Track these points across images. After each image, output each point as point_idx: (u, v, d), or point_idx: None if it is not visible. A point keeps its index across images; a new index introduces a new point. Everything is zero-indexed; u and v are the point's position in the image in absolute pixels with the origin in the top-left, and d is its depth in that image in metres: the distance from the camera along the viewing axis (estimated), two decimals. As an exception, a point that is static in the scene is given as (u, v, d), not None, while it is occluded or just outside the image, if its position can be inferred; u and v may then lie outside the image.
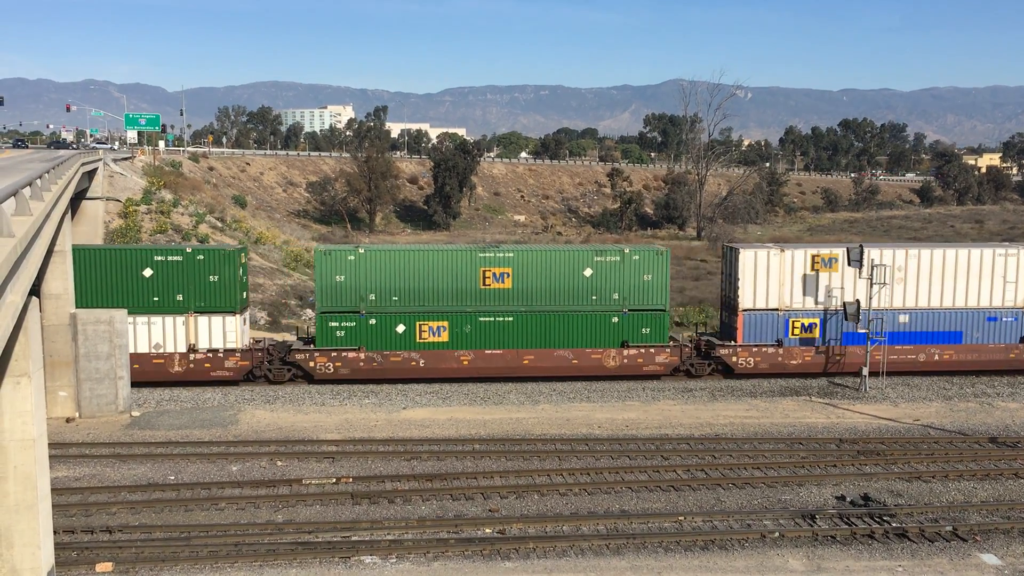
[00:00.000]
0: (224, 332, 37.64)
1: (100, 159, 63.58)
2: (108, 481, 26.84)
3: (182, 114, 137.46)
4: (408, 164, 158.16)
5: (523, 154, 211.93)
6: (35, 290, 31.44)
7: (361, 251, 38.26)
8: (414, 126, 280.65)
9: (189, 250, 37.57)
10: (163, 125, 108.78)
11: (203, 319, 37.43)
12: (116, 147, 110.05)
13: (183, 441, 30.87)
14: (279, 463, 28.70)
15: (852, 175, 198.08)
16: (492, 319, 38.54)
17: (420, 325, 38.33)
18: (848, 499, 26.02)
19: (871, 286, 38.86)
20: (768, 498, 26.13)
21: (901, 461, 29.26)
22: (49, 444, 20.69)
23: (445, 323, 38.40)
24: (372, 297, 37.86)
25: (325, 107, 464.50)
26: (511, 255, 38.86)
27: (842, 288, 39.87)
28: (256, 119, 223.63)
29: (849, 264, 38.96)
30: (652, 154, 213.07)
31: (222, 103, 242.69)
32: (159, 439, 31.16)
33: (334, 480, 26.90)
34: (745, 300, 39.65)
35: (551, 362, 38.93)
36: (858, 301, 38.59)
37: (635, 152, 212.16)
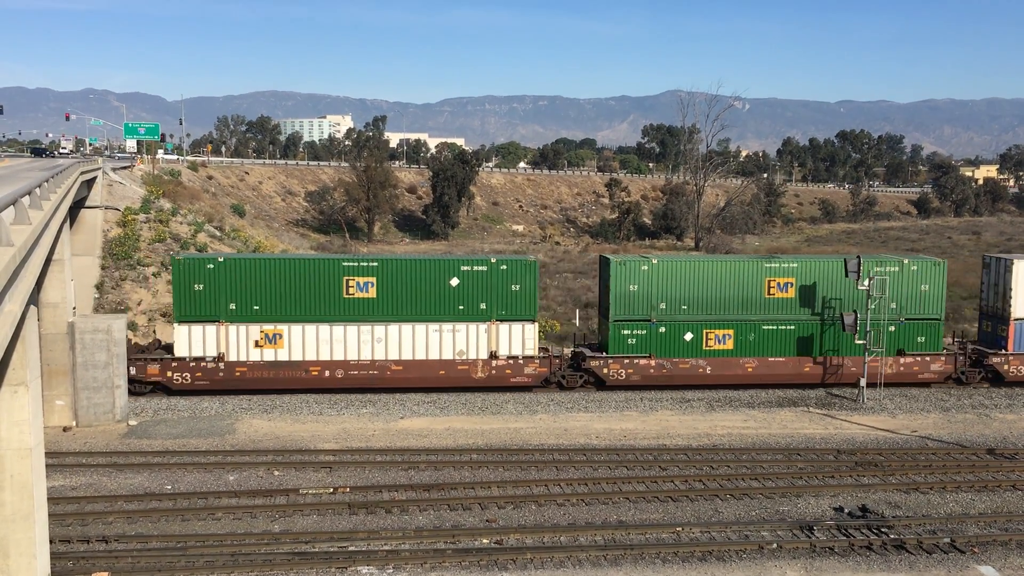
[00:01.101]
0: (523, 339, 38.92)
1: (99, 168, 63.65)
2: (105, 490, 26.78)
3: (181, 123, 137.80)
4: (407, 174, 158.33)
5: (521, 164, 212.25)
6: (33, 299, 31.39)
7: (654, 262, 39.45)
8: (413, 136, 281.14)
9: (493, 260, 38.98)
10: (162, 134, 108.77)
11: (504, 327, 38.68)
12: (116, 155, 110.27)
13: (180, 450, 30.81)
14: (276, 473, 28.64)
15: (849, 186, 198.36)
16: (775, 327, 39.69)
17: (707, 333, 39.56)
18: (846, 510, 26.00)
19: None
20: (766, 509, 26.11)
21: (899, 472, 29.25)
22: (46, 453, 20.68)
23: (730, 331, 39.67)
24: (663, 306, 38.94)
25: (324, 116, 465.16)
26: (795, 265, 40.11)
27: None
28: (255, 128, 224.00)
29: None
30: (650, 164, 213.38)
31: (221, 112, 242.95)
32: (156, 448, 31.10)
33: (331, 490, 26.85)
34: (1018, 310, 40.45)
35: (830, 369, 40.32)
36: None
37: (633, 162, 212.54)
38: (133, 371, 37.16)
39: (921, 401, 38.80)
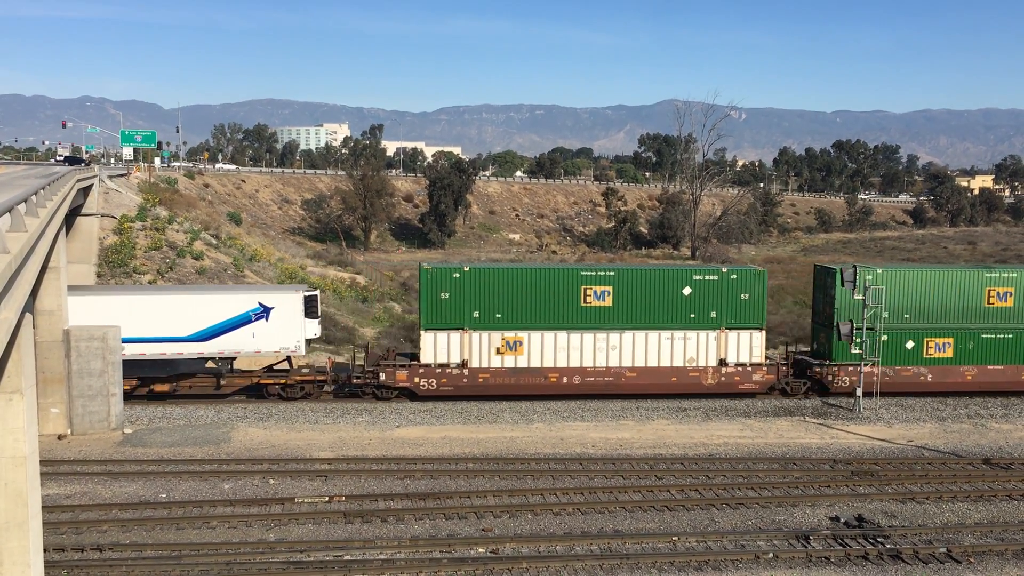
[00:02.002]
0: (751, 347, 39.64)
1: (95, 175, 63.62)
2: (99, 499, 26.69)
3: (178, 131, 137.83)
4: (403, 182, 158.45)
5: (518, 173, 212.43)
6: (28, 306, 31.33)
7: (879, 271, 40.10)
8: (410, 144, 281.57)
9: (724, 270, 40.00)
10: (159, 142, 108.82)
11: (732, 334, 39.45)
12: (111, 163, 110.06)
13: (175, 459, 30.73)
14: (272, 481, 28.57)
15: (845, 195, 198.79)
16: (994, 336, 40.34)
17: (927, 341, 40.26)
18: (842, 520, 25.99)
19: None
20: (762, 518, 26.09)
21: (895, 482, 29.25)
22: (41, 461, 20.61)
23: (950, 340, 40.31)
24: (886, 315, 39.19)
25: (321, 125, 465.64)
26: (1014, 275, 40.66)
27: None
28: (252, 136, 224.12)
29: None
30: (647, 174, 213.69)
31: (218, 120, 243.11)
32: (151, 456, 31.01)
33: (327, 498, 26.79)
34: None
35: None
36: None
37: (630, 172, 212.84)
38: (383, 377, 38.63)
39: (917, 411, 38.83)
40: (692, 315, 38.86)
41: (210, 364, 38.59)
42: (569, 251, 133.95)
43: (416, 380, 38.51)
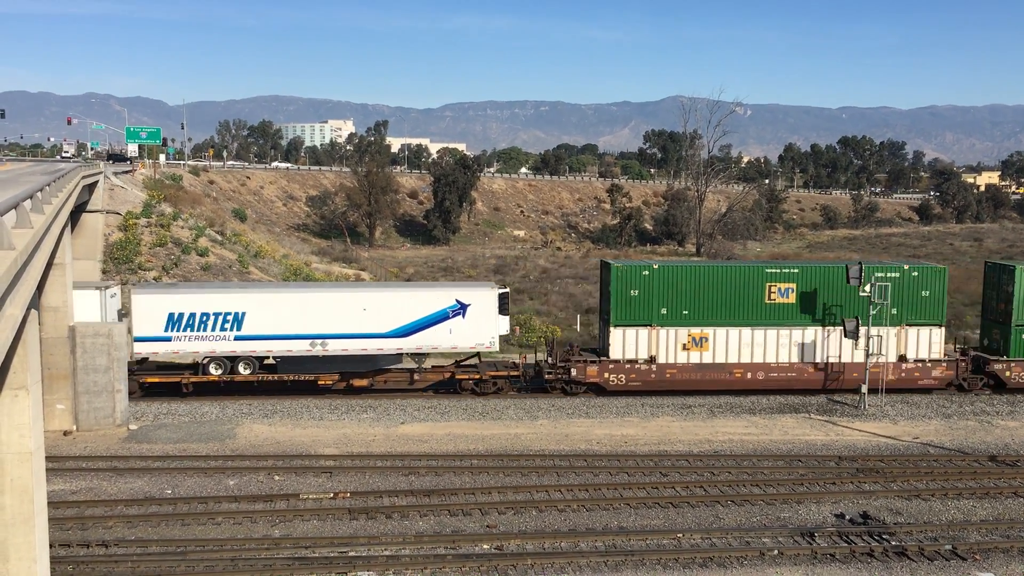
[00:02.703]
0: (930, 343, 40.32)
1: (101, 172, 63.72)
2: (105, 495, 26.75)
3: (183, 128, 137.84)
4: (408, 179, 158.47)
5: (523, 169, 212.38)
6: (34, 303, 31.42)
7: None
8: (414, 141, 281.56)
9: (906, 267, 40.41)
10: (164, 139, 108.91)
11: (912, 331, 40.09)
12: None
13: (180, 455, 30.79)
14: (276, 478, 28.61)
15: (850, 192, 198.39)
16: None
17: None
18: (847, 517, 25.94)
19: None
20: (767, 515, 26.06)
21: (900, 479, 29.19)
22: (46, 457, 20.64)
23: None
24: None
25: (326, 121, 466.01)
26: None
27: None
28: (257, 133, 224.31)
29: None
30: (652, 170, 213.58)
31: (223, 117, 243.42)
32: (156, 453, 31.08)
33: (331, 495, 26.82)
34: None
35: None
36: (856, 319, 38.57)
37: (635, 168, 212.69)
38: (573, 372, 39.47)
39: (923, 408, 38.73)
40: (873, 311, 39.02)
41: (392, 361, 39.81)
42: (574, 248, 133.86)
43: (605, 376, 39.40)
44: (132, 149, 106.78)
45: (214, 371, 38.15)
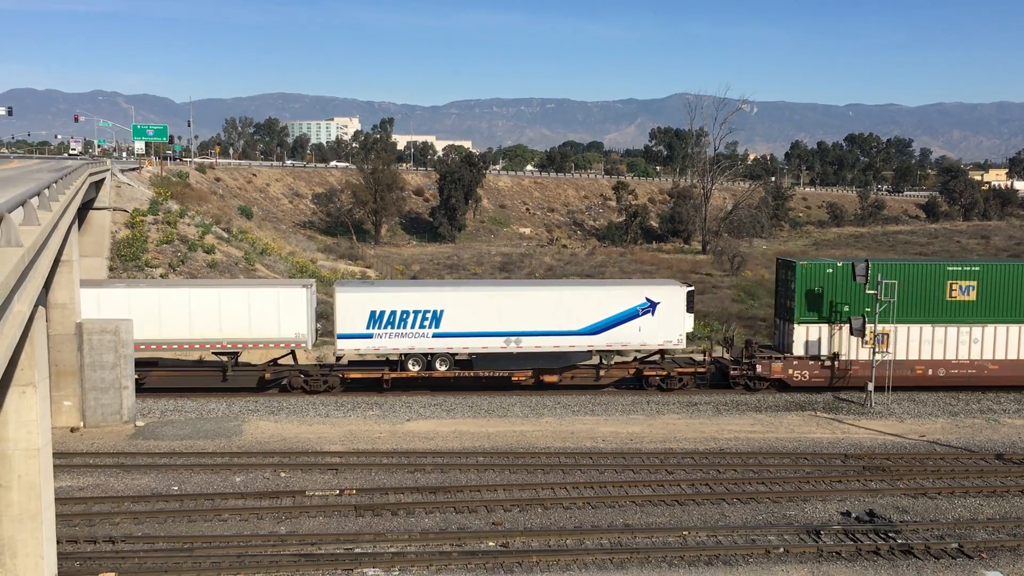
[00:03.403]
0: None
1: (108, 169, 63.85)
2: (112, 491, 26.84)
3: (189, 125, 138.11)
4: (414, 176, 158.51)
5: (529, 167, 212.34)
6: (41, 299, 31.53)
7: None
8: (420, 138, 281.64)
9: None
10: (171, 136, 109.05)
11: None
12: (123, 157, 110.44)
13: (187, 451, 30.87)
14: (283, 474, 28.68)
15: (857, 189, 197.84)
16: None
17: None
18: (853, 515, 25.91)
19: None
20: (773, 513, 26.04)
21: (907, 477, 29.13)
22: (53, 453, 20.73)
23: None
24: None
25: (332, 119, 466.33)
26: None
27: None
28: (263, 130, 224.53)
29: None
30: (657, 167, 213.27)
31: (229, 114, 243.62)
32: (163, 449, 31.17)
33: (337, 492, 26.87)
34: None
35: None
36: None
37: (640, 165, 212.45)
38: (759, 368, 39.95)
39: (929, 406, 38.65)
40: None
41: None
42: (580, 245, 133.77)
43: (789, 372, 40.00)
44: (139, 147, 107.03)
45: (412, 367, 38.96)
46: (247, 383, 39.47)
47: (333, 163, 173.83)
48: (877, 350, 38.52)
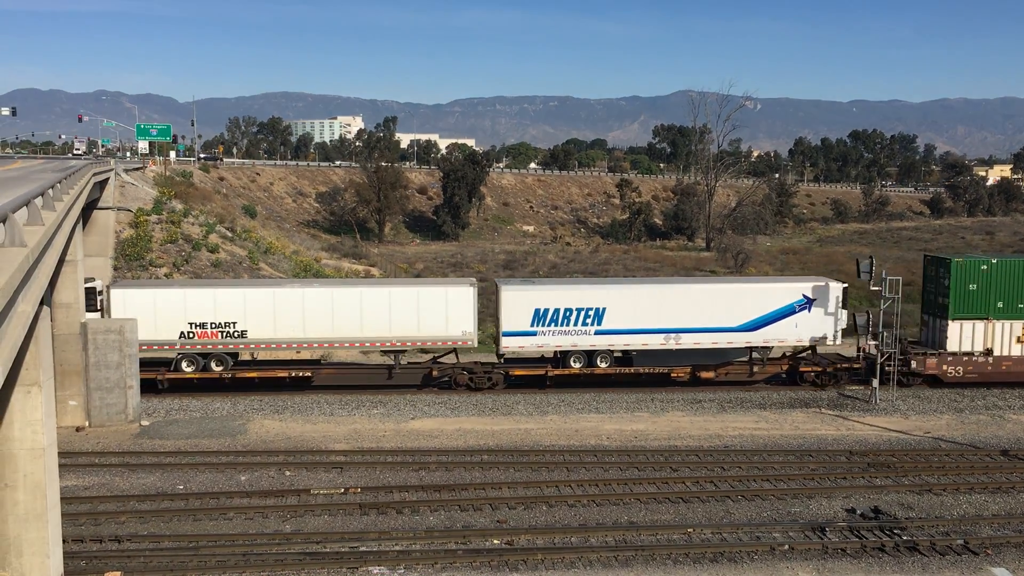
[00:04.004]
0: None
1: (112, 169, 63.95)
2: (117, 490, 26.90)
3: (193, 124, 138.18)
4: (417, 174, 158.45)
5: (532, 165, 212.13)
6: (46, 299, 31.60)
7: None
8: (423, 137, 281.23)
9: None
10: (174, 135, 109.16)
11: None
12: (127, 157, 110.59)
13: (192, 451, 30.93)
14: (287, 473, 28.71)
15: (861, 186, 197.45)
16: None
17: None
18: (858, 512, 25.88)
19: None
20: (778, 510, 26.02)
21: (912, 474, 29.10)
22: (59, 453, 20.76)
23: None
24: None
25: (335, 118, 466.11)
26: None
27: None
28: (266, 130, 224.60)
29: None
30: (661, 165, 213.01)
31: (232, 114, 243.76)
32: (168, 448, 31.22)
33: (342, 490, 26.90)
34: None
35: None
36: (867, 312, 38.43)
37: (644, 163, 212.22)
38: (913, 364, 40.22)
39: (934, 402, 38.58)
40: None
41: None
42: (583, 243, 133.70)
43: (944, 368, 40.36)
44: (143, 147, 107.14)
45: (574, 364, 39.37)
46: (412, 380, 40.11)
47: (337, 162, 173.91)
48: None
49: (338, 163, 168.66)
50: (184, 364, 38.52)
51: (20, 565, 17.43)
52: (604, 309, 38.84)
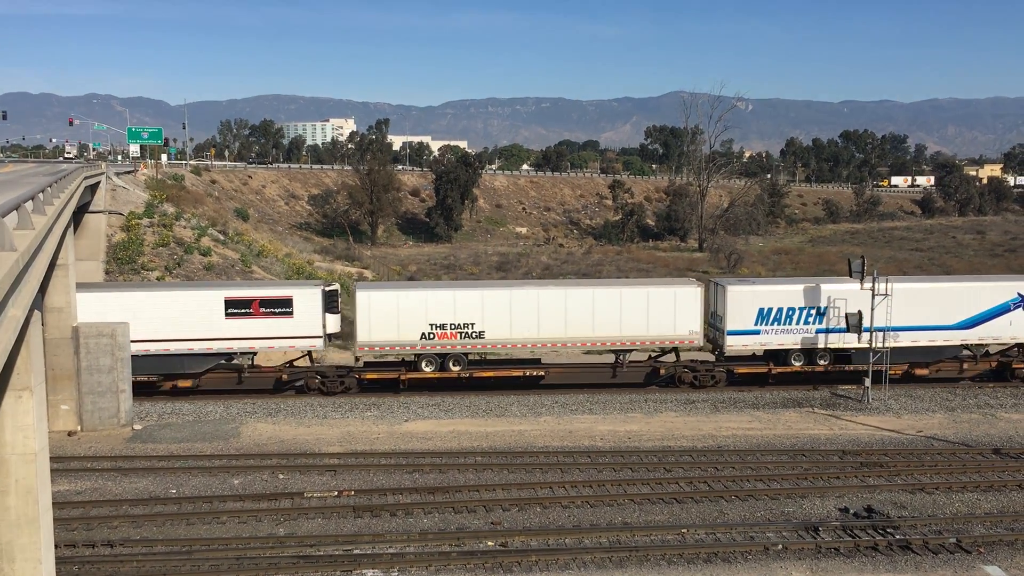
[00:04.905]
0: None
1: (103, 172, 63.75)
2: (110, 495, 26.81)
3: (184, 128, 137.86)
4: (410, 176, 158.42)
5: (525, 166, 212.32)
6: (37, 303, 31.48)
7: None
8: (416, 139, 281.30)
9: None
10: (166, 139, 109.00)
11: None
12: (118, 160, 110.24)
13: (185, 454, 30.84)
14: (281, 476, 28.66)
15: (853, 186, 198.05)
16: None
17: None
18: (851, 511, 25.94)
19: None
20: (771, 510, 26.06)
21: (904, 473, 29.18)
22: (51, 458, 20.68)
23: None
24: None
25: (327, 120, 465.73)
26: None
27: None
28: (258, 132, 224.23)
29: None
30: (653, 166, 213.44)
31: (224, 116, 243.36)
32: (161, 452, 31.13)
33: (336, 493, 26.86)
34: None
35: None
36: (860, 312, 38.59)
37: (636, 164, 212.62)
38: None
39: (926, 401, 38.69)
40: None
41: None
42: (576, 244, 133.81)
43: None
44: (134, 150, 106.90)
45: (795, 362, 40.49)
46: (634, 379, 40.70)
47: (329, 165, 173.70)
48: None
49: (330, 166, 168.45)
50: (424, 364, 39.10)
51: (12, 571, 17.34)
52: (826, 308, 39.73)
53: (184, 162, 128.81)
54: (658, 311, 39.27)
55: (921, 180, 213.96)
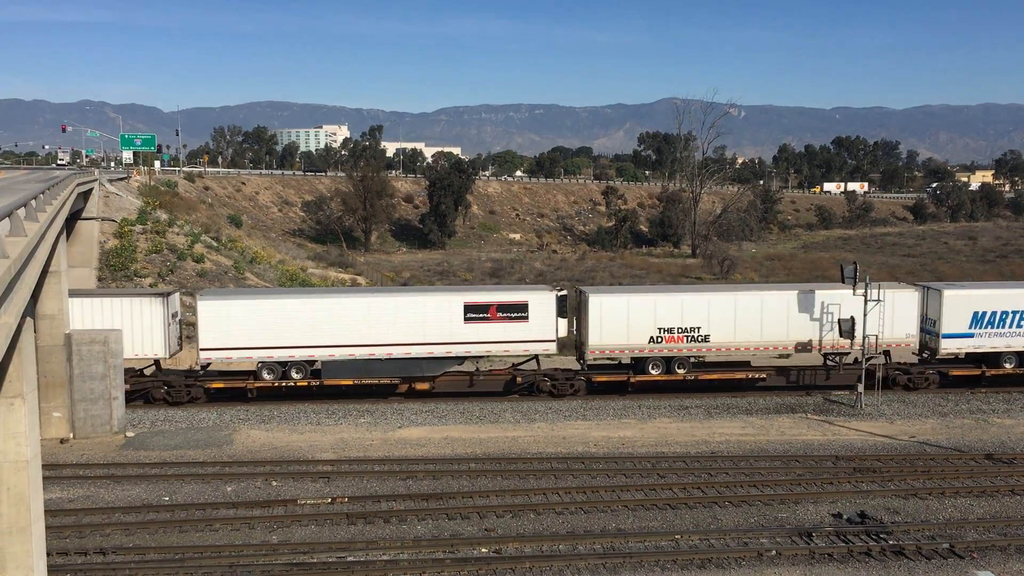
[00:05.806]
0: None
1: (96, 179, 63.66)
2: (102, 502, 26.71)
3: (178, 134, 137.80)
4: (403, 183, 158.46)
5: (518, 172, 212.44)
6: (29, 311, 31.37)
7: None
8: (409, 145, 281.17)
9: None
10: (159, 145, 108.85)
11: None
12: (110, 167, 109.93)
13: (178, 462, 30.75)
14: (274, 483, 28.59)
15: (841, 192, 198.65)
16: None
17: None
18: (845, 517, 25.98)
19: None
20: (764, 516, 26.09)
21: (897, 478, 29.23)
22: (43, 465, 20.62)
23: None
24: None
25: (320, 127, 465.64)
26: None
27: None
28: (252, 139, 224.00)
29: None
30: (646, 172, 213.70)
31: (218, 123, 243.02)
32: (153, 460, 31.03)
33: (329, 500, 26.81)
34: None
35: None
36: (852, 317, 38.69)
37: (629, 170, 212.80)
38: None
39: (919, 407, 38.78)
40: None
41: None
42: (570, 250, 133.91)
43: None
44: (127, 157, 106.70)
45: (1006, 365, 41.57)
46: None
47: (324, 172, 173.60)
48: None
49: (323, 172, 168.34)
50: (650, 367, 39.97)
51: (4, 579, 17.28)
52: None
53: (177, 169, 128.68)
54: (885, 315, 39.68)
55: (854, 185, 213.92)
